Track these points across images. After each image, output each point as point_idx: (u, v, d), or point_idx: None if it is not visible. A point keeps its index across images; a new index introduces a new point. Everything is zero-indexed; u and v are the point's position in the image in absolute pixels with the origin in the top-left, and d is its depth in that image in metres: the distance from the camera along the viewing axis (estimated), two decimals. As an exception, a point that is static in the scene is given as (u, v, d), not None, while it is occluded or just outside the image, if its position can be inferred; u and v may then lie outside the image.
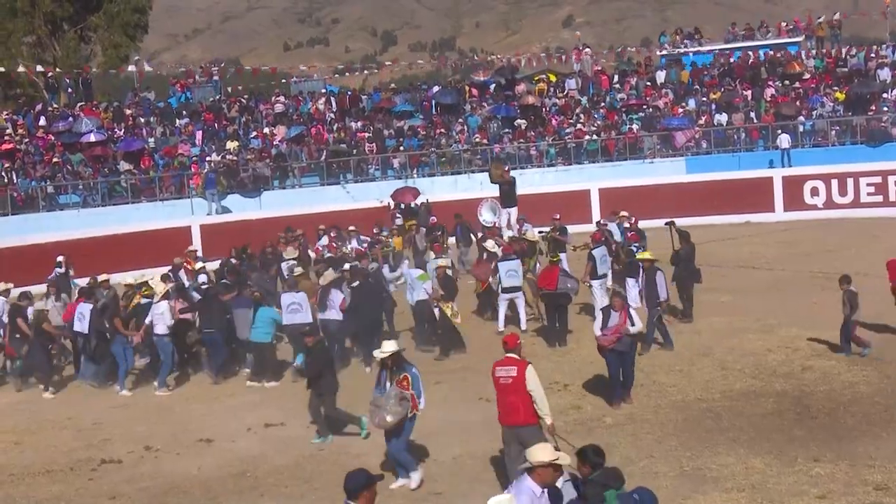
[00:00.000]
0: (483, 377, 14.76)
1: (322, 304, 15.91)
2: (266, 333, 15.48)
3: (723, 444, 11.33)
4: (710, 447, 11.23)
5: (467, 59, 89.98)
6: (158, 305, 15.55)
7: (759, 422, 12.04)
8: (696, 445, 11.34)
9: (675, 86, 36.87)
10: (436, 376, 15.03)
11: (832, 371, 13.88)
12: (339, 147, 33.46)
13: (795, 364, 14.32)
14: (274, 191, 32.06)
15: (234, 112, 36.62)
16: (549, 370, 15.00)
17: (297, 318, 15.47)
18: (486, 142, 33.86)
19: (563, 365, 15.35)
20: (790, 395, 12.97)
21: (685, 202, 28.79)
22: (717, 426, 11.98)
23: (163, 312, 15.46)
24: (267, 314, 15.54)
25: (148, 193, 31.22)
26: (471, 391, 14.11)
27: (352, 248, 21.20)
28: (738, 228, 28.08)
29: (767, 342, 15.61)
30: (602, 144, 33.51)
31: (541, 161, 33.76)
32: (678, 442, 11.49)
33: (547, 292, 16.66)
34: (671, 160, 32.93)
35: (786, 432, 11.62)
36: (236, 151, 32.60)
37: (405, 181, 31.94)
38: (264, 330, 15.44)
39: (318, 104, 37.24)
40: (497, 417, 9.96)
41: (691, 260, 17.70)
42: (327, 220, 25.91)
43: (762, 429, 11.78)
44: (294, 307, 15.66)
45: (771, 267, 22.24)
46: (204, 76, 42.02)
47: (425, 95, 37.86)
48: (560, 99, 37.07)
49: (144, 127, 34.94)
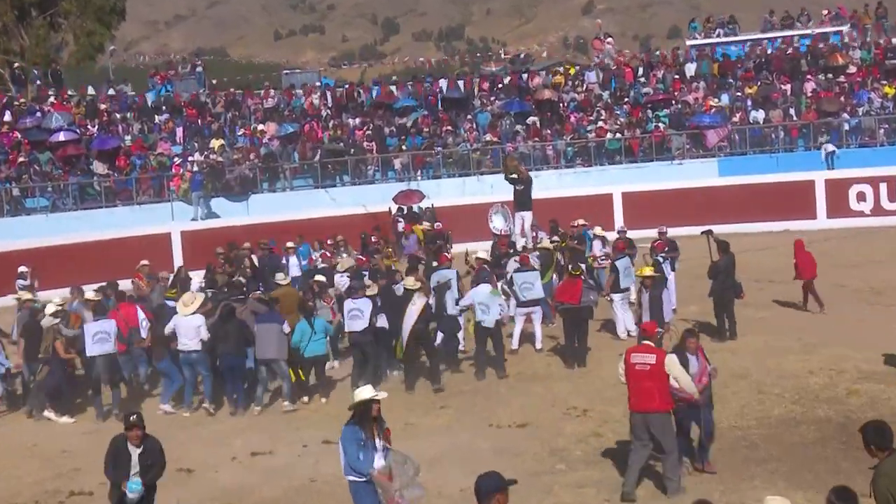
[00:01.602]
0: (493, 401, 14.91)
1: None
2: (322, 345, 15.91)
3: (760, 476, 11.28)
4: (745, 480, 11.18)
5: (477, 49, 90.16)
6: (193, 318, 15.28)
7: (799, 452, 12.00)
8: (730, 478, 11.29)
9: (706, 79, 36.88)
10: (441, 400, 15.02)
11: (881, 396, 13.81)
12: (336, 146, 33.54)
13: (840, 388, 14.27)
14: (263, 194, 32.17)
15: (219, 107, 36.74)
16: (567, 393, 15.00)
17: (358, 325, 15.88)
18: (497, 140, 33.91)
19: (582, 387, 15.33)
20: (834, 423, 12.92)
21: (717, 208, 28.79)
22: (753, 456, 11.93)
23: (199, 326, 15.20)
24: (322, 325, 15.94)
25: (124, 196, 31.31)
26: (479, 416, 14.09)
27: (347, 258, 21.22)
28: (776, 237, 28.02)
29: (809, 363, 15.57)
30: (625, 144, 33.52)
31: (557, 162, 33.79)
32: (710, 474, 11.43)
33: (568, 307, 16.65)
34: (702, 161, 32.93)
35: (830, 464, 11.56)
36: (221, 151, 32.67)
37: (408, 183, 32.00)
38: (322, 342, 15.85)
39: (313, 99, 37.32)
40: (628, 405, 10.93)
41: (731, 272, 17.67)
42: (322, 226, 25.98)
43: (803, 460, 11.73)
44: (355, 313, 15.93)
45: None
46: (186, 68, 42.17)
47: (430, 89, 37.93)
48: (579, 93, 37.12)
49: (120, 123, 35.07)
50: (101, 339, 15.39)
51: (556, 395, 15.03)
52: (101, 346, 15.35)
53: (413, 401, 15.28)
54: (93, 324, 15.61)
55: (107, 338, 15.41)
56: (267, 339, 15.40)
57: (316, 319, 15.88)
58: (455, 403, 14.95)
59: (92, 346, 15.35)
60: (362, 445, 8.87)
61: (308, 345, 15.62)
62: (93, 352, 15.37)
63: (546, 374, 16.20)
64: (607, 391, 14.76)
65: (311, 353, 15.74)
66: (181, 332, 15.25)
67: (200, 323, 15.21)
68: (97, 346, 15.34)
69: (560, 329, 17.44)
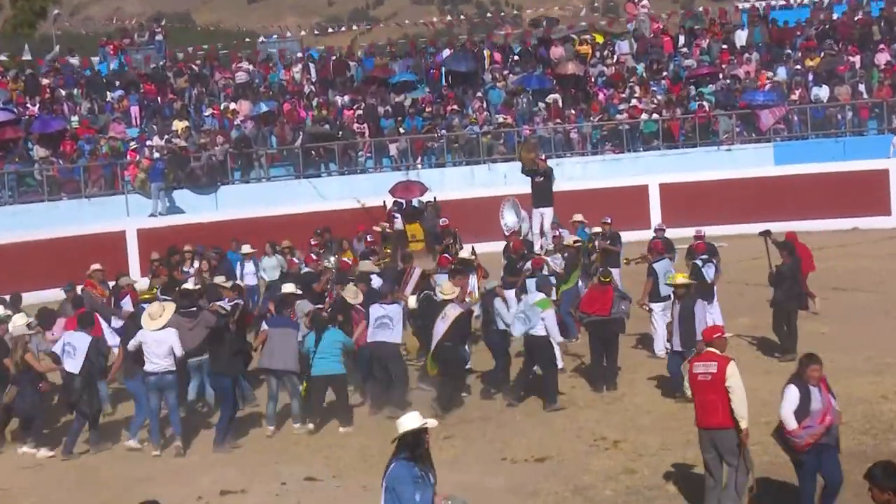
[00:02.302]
0: (507, 431, 14.93)
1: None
2: (338, 362, 15.76)
3: (823, 520, 11.27)
4: (806, 525, 11.17)
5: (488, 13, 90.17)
6: (164, 333, 14.98)
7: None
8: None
9: (759, 49, 36.88)
10: (446, 429, 15.03)
11: (967, 426, 13.82)
12: (321, 129, 33.59)
13: (919, 416, 14.27)
14: (234, 185, 32.27)
15: (182, 82, 36.81)
16: (594, 422, 15.03)
17: (386, 336, 15.99)
18: (511, 122, 33.95)
19: (611, 415, 15.37)
20: (912, 457, 12.90)
21: (772, 202, 28.82)
22: (815, 497, 11.92)
23: (172, 343, 14.93)
24: (336, 337, 15.85)
25: (70, 188, 31.37)
26: (491, 448, 14.14)
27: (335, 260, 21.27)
28: (841, 236, 28.05)
29: (881, 387, 15.57)
30: (664, 126, 33.53)
31: (583, 148, 33.82)
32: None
33: (595, 319, 16.68)
34: (754, 147, 32.96)
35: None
36: (186, 134, 32.73)
37: (405, 173, 32.03)
38: (336, 357, 15.74)
39: (293, 73, 37.35)
40: (694, 421, 11.46)
41: (796, 279, 17.72)
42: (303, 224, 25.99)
43: (875, 501, 11.69)
44: (383, 321, 16.06)
45: (884, 288, 22.20)
46: (144, 35, 42.23)
47: (433, 61, 37.99)
48: (609, 66, 37.14)
49: (66, 101, 35.14)
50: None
51: (580, 423, 15.06)
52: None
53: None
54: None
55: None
56: (279, 346, 15.51)
57: (329, 331, 15.84)
58: (462, 433, 14.96)
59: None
60: (419, 483, 8.66)
61: (315, 360, 15.64)
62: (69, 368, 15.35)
63: (569, 399, 16.22)
64: (641, 418, 14.79)
65: (320, 370, 15.63)
66: (150, 350, 14.92)
67: (173, 339, 14.97)
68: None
69: (585, 345, 17.46)
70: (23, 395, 15.37)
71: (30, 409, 15.48)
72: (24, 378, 15.37)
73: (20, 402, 15.44)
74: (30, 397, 15.39)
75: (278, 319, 16.08)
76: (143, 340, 15.03)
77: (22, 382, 15.39)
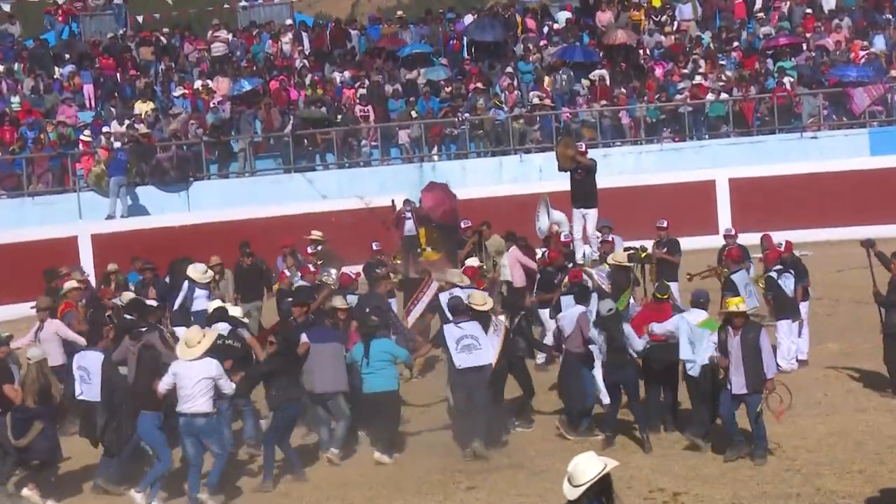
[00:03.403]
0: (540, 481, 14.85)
1: None
2: (392, 377, 16.21)
3: None
4: None
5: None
6: (204, 364, 14.84)
7: None
8: None
9: (852, 15, 36.82)
10: (466, 477, 15.10)
11: None
12: (315, 112, 33.65)
13: None
14: (210, 180, 32.36)
15: (147, 55, 36.90)
16: (649, 469, 15.04)
17: (475, 360, 16.17)
18: (549, 104, 33.98)
19: (670, 460, 15.39)
20: None
21: (869, 200, 28.83)
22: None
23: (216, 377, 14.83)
24: (384, 347, 16.26)
25: (10, 184, 31.46)
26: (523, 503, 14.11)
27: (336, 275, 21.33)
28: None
29: None
30: (734, 109, 33.53)
31: (636, 135, 33.83)
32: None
33: (651, 344, 16.64)
34: (846, 133, 32.92)
35: None
36: (151, 119, 32.83)
37: (420, 166, 32.08)
38: (390, 372, 16.17)
39: (282, 43, 37.40)
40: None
41: None
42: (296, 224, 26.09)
43: None
44: (468, 342, 16.23)
45: None
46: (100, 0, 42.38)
47: (452, 30, 38.05)
48: (667, 36, 37.14)
49: (5, 79, 35.27)
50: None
51: (632, 471, 15.02)
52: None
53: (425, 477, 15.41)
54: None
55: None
56: (321, 365, 15.76)
57: (376, 341, 16.18)
58: (487, 483, 14.99)
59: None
60: None
61: (367, 376, 16.09)
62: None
63: (618, 441, 16.22)
64: (707, 466, 14.80)
65: (371, 388, 16.08)
66: (185, 386, 14.67)
67: (217, 372, 14.85)
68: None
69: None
70: (45, 433, 15.23)
71: (50, 450, 15.39)
72: (45, 413, 15.27)
73: (41, 443, 15.26)
74: (52, 437, 15.34)
75: (320, 332, 16.27)
76: (177, 374, 14.79)
77: (44, 418, 15.26)
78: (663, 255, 20.96)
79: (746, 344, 15.01)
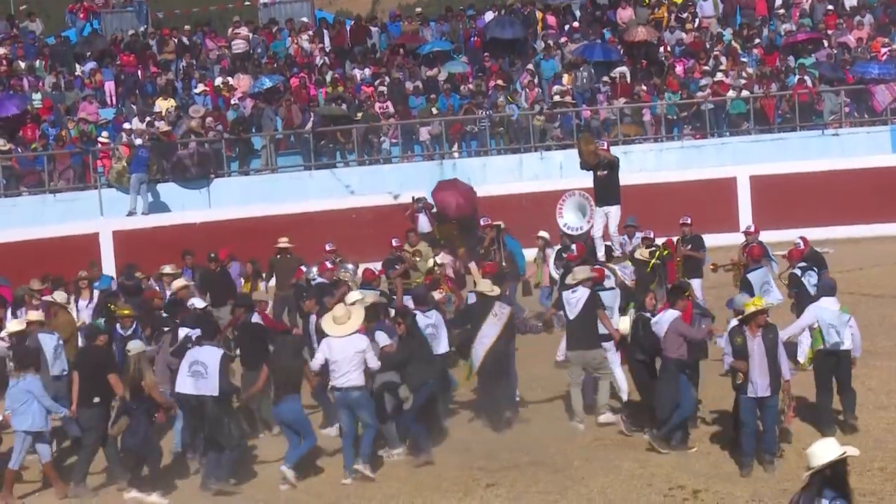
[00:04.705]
0: (563, 479, 14.88)
1: None
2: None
3: None
4: None
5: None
6: (353, 339, 15.77)
7: None
8: None
9: (874, 11, 36.70)
10: (487, 475, 15.09)
11: None
12: (336, 109, 33.69)
13: None
14: (231, 177, 32.44)
15: (167, 53, 36.99)
16: (670, 467, 15.02)
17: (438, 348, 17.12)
18: (569, 101, 33.95)
19: (691, 458, 15.37)
20: None
21: (891, 198, 28.76)
22: None
23: (363, 350, 15.68)
24: None
25: (31, 181, 31.58)
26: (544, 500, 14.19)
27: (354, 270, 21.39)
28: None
29: None
30: (756, 106, 33.45)
31: (657, 132, 33.79)
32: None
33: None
34: (868, 131, 32.84)
35: None
36: (172, 116, 32.89)
37: (440, 164, 32.08)
38: None
39: (302, 41, 37.43)
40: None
41: None
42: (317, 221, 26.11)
43: None
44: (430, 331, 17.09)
45: None
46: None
47: (473, 26, 38.03)
48: (688, 33, 37.07)
49: (26, 76, 35.37)
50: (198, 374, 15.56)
51: (652, 469, 15.06)
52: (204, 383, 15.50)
53: (445, 474, 15.40)
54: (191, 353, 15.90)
55: (204, 372, 15.49)
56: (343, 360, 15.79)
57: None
58: (507, 480, 14.97)
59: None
60: None
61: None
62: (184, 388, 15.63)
63: (638, 440, 16.19)
64: (727, 464, 14.78)
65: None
66: (338, 361, 15.49)
67: (365, 346, 15.61)
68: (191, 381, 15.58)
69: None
70: (134, 428, 15.25)
71: (140, 445, 15.33)
72: (138, 407, 15.27)
73: (129, 438, 15.31)
74: (143, 431, 15.29)
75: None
76: (330, 347, 15.61)
77: (135, 412, 15.25)
78: (688, 251, 20.94)
79: (768, 345, 14.84)
